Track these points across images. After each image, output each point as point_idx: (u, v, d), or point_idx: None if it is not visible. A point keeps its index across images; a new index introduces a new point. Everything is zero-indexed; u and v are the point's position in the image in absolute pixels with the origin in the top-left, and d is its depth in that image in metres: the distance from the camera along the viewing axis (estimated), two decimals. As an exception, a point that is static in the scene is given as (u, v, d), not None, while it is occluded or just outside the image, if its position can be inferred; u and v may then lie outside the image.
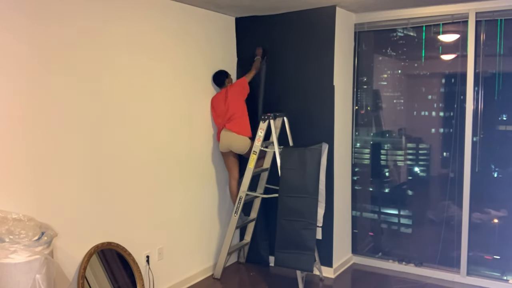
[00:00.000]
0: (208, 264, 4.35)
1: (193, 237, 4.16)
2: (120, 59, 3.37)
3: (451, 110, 4.19)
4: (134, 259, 3.45)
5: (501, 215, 4.03)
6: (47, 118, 2.88)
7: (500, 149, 4.04)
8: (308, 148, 3.85)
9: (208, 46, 4.24)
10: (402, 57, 4.52)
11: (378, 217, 4.65)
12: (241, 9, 4.25)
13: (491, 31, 3.95)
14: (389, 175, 4.61)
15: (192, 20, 4.03)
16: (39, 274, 2.44)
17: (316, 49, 4.19)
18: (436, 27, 4.21)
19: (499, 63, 3.97)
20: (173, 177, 3.89)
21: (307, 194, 3.77)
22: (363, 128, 4.67)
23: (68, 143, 3.02)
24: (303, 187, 3.78)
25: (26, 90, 2.77)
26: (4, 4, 2.63)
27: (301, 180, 3.79)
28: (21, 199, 2.76)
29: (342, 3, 3.98)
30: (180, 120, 3.95)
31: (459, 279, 4.11)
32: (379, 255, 4.60)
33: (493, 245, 4.07)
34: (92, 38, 3.15)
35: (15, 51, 2.70)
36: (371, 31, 4.50)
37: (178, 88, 3.92)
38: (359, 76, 4.61)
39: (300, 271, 3.88)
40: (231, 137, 4.14)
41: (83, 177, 3.13)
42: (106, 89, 3.27)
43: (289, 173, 3.84)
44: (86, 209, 3.16)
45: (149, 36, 3.60)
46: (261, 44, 4.45)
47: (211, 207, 4.38)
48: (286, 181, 3.84)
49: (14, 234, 2.43)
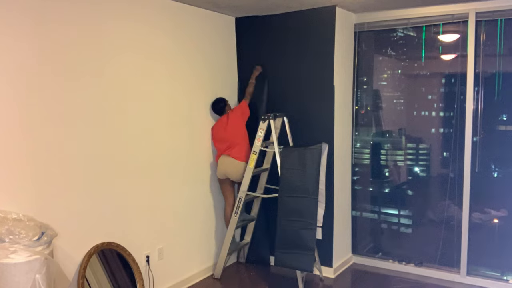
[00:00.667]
0: (208, 264, 4.35)
1: (193, 237, 4.16)
2: (120, 59, 3.37)
3: (451, 110, 4.19)
4: (134, 259, 3.45)
5: (501, 215, 4.03)
6: (47, 118, 2.88)
7: (500, 149, 4.04)
8: (308, 148, 3.86)
9: (208, 46, 4.24)
10: (402, 57, 4.52)
11: (378, 217, 4.65)
12: (241, 9, 4.25)
13: (491, 31, 3.95)
14: (389, 175, 4.61)
15: (192, 20, 4.03)
16: (39, 274, 2.44)
17: (316, 49, 4.19)
18: (436, 27, 4.21)
19: (499, 63, 3.97)
20: (173, 177, 3.89)
21: (307, 194, 3.77)
22: (363, 128, 4.66)
23: (68, 143, 3.02)
24: (303, 187, 3.78)
25: (26, 90, 2.77)
26: (5, 4, 2.63)
27: (301, 180, 3.80)
28: (21, 199, 2.76)
29: (342, 3, 3.98)
30: (180, 120, 3.95)
31: (459, 279, 4.11)
32: (379, 255, 4.60)
33: (493, 245, 4.07)
34: (92, 38, 3.15)
35: (16, 51, 2.70)
36: (371, 31, 4.50)
37: (178, 88, 3.92)
38: (359, 76, 4.61)
39: (300, 271, 3.88)
40: (229, 163, 4.14)
41: (83, 177, 3.13)
42: (106, 89, 3.27)
43: (289, 173, 3.84)
44: (86, 209, 3.16)
45: (149, 36, 3.60)
46: (261, 45, 4.46)
47: (211, 207, 4.38)
48: (286, 181, 3.84)
49: (14, 234, 2.43)
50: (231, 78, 4.60)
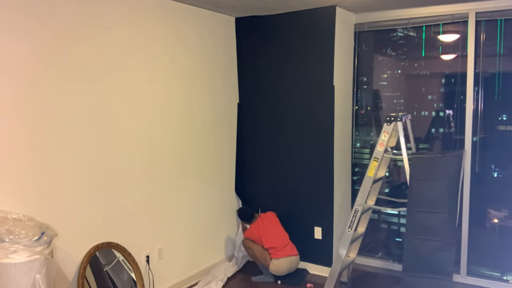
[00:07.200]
0: (208, 264, 4.35)
1: (193, 237, 4.16)
2: (120, 59, 3.37)
3: (451, 110, 4.19)
4: (134, 259, 3.45)
5: (501, 215, 4.03)
6: (47, 118, 2.88)
7: (500, 149, 4.04)
8: (445, 156, 3.46)
9: (208, 46, 4.24)
10: (402, 57, 4.52)
11: (378, 217, 4.65)
12: (241, 9, 4.25)
13: (491, 31, 3.95)
14: (389, 175, 4.61)
15: (192, 20, 4.03)
16: (39, 274, 2.44)
17: (316, 49, 4.19)
18: (436, 27, 4.21)
19: (499, 63, 3.97)
20: (173, 177, 3.89)
21: (443, 209, 3.32)
22: (363, 128, 4.67)
23: (68, 143, 3.02)
24: (438, 201, 3.34)
25: (27, 91, 2.77)
26: (5, 4, 2.63)
27: (436, 192, 3.35)
28: (21, 199, 2.76)
29: (342, 3, 3.98)
30: (180, 120, 3.95)
31: (459, 279, 4.11)
32: (379, 255, 4.60)
33: (493, 245, 4.07)
34: (92, 39, 3.15)
35: (16, 51, 2.70)
36: (371, 31, 4.50)
37: (178, 87, 3.92)
38: (359, 76, 4.61)
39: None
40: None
41: (83, 177, 3.13)
42: (106, 89, 3.27)
43: (420, 184, 3.37)
44: (86, 209, 3.16)
45: (149, 36, 3.60)
46: (261, 45, 4.47)
47: (211, 207, 4.38)
48: (417, 194, 3.38)
49: (14, 234, 2.43)
50: (231, 78, 4.60)
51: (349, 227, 3.69)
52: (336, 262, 3.75)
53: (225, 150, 4.56)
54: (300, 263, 4.38)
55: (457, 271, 4.12)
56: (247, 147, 4.68)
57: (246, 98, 4.65)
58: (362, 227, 4.01)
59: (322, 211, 4.27)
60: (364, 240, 4.64)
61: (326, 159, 4.21)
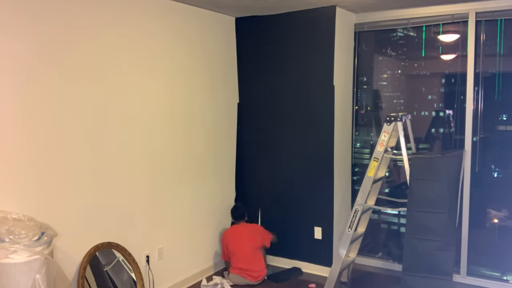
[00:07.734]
0: (208, 264, 4.35)
1: (193, 237, 4.16)
2: (120, 59, 3.37)
3: (451, 110, 4.19)
4: (134, 259, 3.45)
5: (501, 215, 4.03)
6: (47, 118, 2.88)
7: (500, 149, 4.04)
8: (445, 156, 3.45)
9: (208, 46, 4.24)
10: (402, 57, 4.52)
11: (378, 217, 4.65)
12: (241, 9, 4.25)
13: (491, 31, 3.95)
14: (389, 175, 4.61)
15: (192, 20, 4.03)
16: (39, 274, 2.44)
17: (316, 49, 4.19)
18: (436, 27, 4.21)
19: (499, 63, 3.97)
20: (173, 176, 3.89)
21: (443, 209, 3.32)
22: (363, 128, 4.66)
23: (68, 143, 3.02)
24: (438, 201, 3.33)
25: (27, 91, 2.77)
26: (5, 4, 2.63)
27: (436, 192, 3.34)
28: (21, 199, 2.76)
29: (342, 3, 3.98)
30: (180, 120, 3.95)
31: (459, 279, 4.11)
32: (379, 255, 4.60)
33: (493, 245, 4.07)
34: (92, 38, 3.15)
35: (16, 51, 2.70)
36: (371, 31, 4.50)
37: (178, 87, 3.92)
38: (359, 76, 4.61)
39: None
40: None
41: (83, 177, 3.13)
42: (106, 89, 3.27)
43: (420, 184, 3.36)
44: (86, 209, 3.16)
45: (149, 36, 3.60)
46: (261, 45, 4.47)
47: (211, 207, 4.38)
48: (417, 194, 3.37)
49: (14, 234, 2.43)
50: (231, 78, 4.60)
51: (349, 227, 3.70)
52: (336, 262, 3.75)
53: (225, 150, 4.56)
54: (299, 263, 4.38)
55: (457, 271, 4.12)
56: (247, 147, 4.68)
57: (246, 98, 4.65)
58: (362, 227, 4.00)
59: (322, 211, 4.27)
60: (364, 240, 4.65)
61: (326, 159, 4.20)
